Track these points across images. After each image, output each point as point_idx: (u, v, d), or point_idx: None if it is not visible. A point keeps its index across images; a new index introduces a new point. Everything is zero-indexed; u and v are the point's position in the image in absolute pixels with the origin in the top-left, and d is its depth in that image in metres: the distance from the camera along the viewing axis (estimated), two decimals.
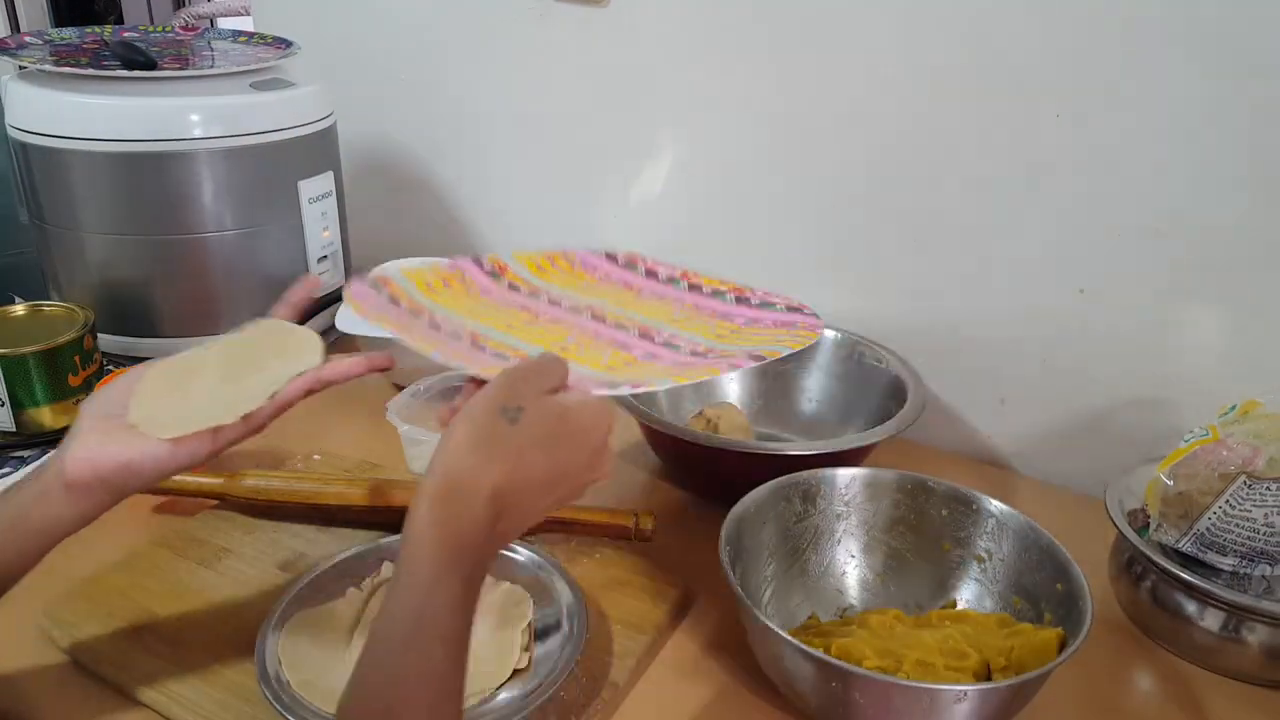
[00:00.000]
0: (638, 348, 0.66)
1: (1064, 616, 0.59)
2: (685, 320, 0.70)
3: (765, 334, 0.69)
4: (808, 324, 0.70)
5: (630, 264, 0.81)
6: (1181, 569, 0.64)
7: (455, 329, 0.65)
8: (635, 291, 0.73)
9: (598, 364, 0.62)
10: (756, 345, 0.65)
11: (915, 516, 0.70)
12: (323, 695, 0.57)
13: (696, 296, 0.75)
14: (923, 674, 0.57)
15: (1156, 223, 0.79)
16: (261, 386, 0.57)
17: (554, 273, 0.75)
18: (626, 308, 0.73)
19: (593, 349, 0.65)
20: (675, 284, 0.78)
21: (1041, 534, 0.63)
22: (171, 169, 0.92)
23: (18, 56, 0.96)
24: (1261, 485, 0.64)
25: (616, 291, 0.73)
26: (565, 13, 1.03)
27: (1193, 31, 0.73)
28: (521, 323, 0.69)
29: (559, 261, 0.77)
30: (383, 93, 1.21)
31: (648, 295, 0.73)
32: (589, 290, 0.73)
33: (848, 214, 0.94)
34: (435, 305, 0.70)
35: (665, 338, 0.67)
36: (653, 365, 0.63)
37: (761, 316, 0.72)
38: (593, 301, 0.73)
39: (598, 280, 0.75)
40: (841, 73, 0.89)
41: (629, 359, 0.64)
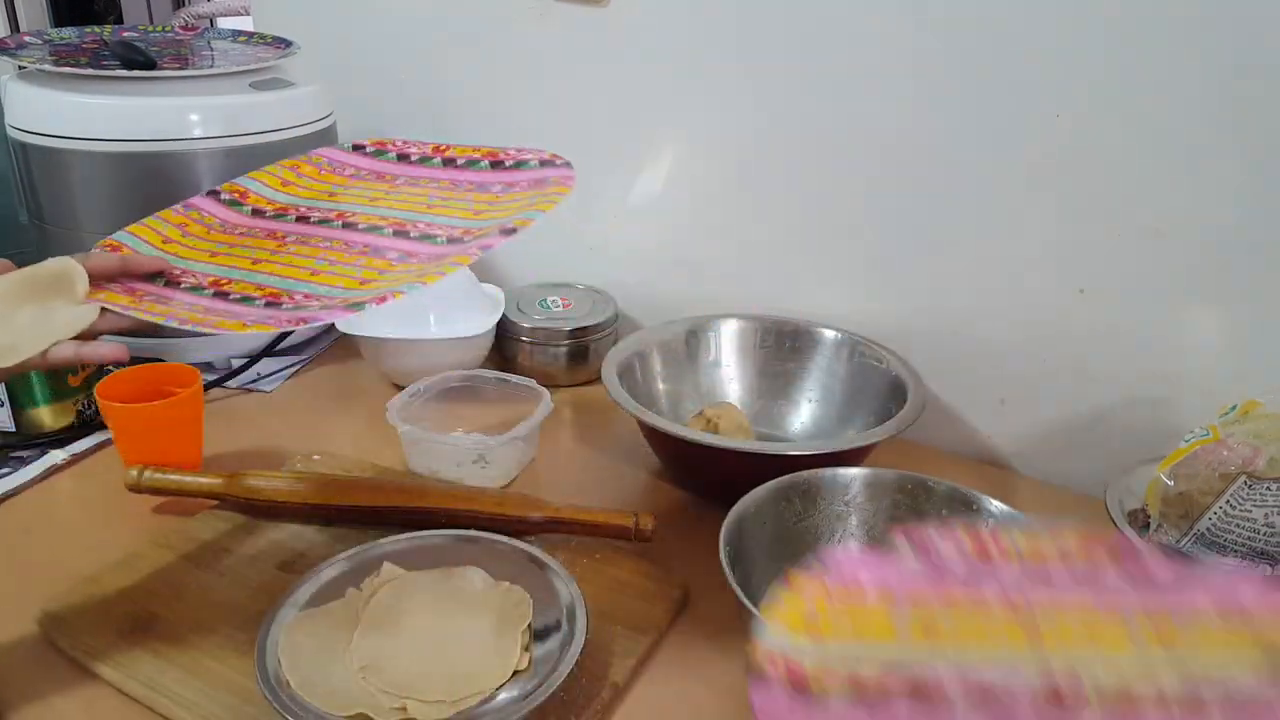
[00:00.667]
0: (392, 250, 0.66)
1: None
2: (441, 204, 0.70)
3: (520, 198, 0.68)
4: (560, 177, 0.69)
5: (380, 150, 0.79)
6: None
7: (196, 282, 0.65)
8: (389, 181, 0.72)
9: (351, 282, 0.62)
10: (510, 216, 0.65)
11: (916, 517, 0.69)
12: (323, 696, 0.57)
13: (452, 171, 0.74)
14: None
15: (1157, 223, 0.79)
16: (32, 337, 0.57)
17: (301, 183, 0.74)
18: (379, 204, 0.72)
19: (345, 265, 0.65)
20: (428, 162, 0.76)
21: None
22: (171, 169, 0.92)
23: (17, 56, 0.96)
24: (1262, 485, 0.64)
25: (369, 186, 0.72)
26: (565, 13, 1.03)
27: (1193, 31, 0.73)
28: (268, 253, 0.68)
29: (304, 168, 0.75)
30: (382, 93, 1.21)
31: (402, 182, 0.72)
32: (341, 194, 0.71)
33: (848, 214, 0.94)
34: (174, 258, 0.69)
35: (421, 229, 0.67)
36: (406, 267, 0.63)
37: (517, 179, 0.71)
38: (344, 207, 0.72)
39: (348, 180, 0.74)
40: (841, 72, 0.89)
41: (383, 265, 0.64)
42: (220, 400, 0.96)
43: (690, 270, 1.05)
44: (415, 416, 0.85)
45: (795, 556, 0.69)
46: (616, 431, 0.92)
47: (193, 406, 0.81)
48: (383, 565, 0.68)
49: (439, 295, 0.96)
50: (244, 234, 0.72)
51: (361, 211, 0.71)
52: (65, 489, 0.82)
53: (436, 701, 0.57)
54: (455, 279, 0.98)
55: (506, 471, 0.84)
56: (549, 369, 1.01)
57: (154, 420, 0.79)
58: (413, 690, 0.58)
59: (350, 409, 0.96)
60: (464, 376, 0.91)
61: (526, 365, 1.01)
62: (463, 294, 0.99)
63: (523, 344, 1.01)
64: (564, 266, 1.14)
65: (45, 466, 0.83)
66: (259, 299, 0.61)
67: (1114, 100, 0.78)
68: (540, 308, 1.03)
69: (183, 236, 0.72)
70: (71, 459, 0.85)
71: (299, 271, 0.65)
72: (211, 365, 1.00)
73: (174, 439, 0.81)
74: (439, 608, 0.64)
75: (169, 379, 0.82)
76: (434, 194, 0.72)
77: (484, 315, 0.99)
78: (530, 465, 0.87)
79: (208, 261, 0.68)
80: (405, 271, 0.63)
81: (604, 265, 1.12)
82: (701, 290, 1.01)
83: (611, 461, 0.89)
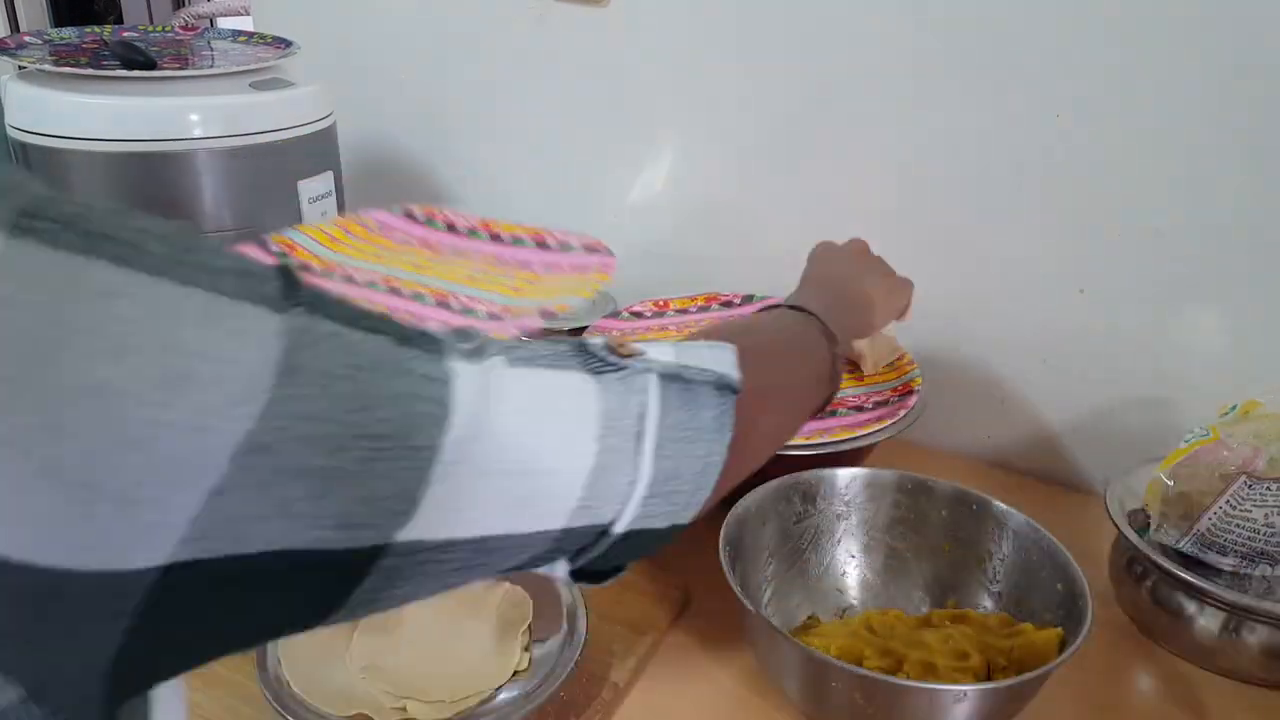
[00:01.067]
0: (433, 320, 0.65)
1: (1064, 617, 0.59)
2: (485, 278, 0.70)
3: (562, 280, 0.69)
4: (601, 264, 0.69)
5: (429, 219, 0.80)
6: (1182, 569, 0.64)
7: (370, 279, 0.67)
8: (435, 250, 0.72)
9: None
10: (551, 298, 0.65)
11: (915, 517, 0.70)
12: (322, 696, 0.57)
13: (497, 247, 0.74)
14: (924, 674, 0.57)
15: (1157, 223, 0.79)
16: None
17: (350, 242, 0.73)
18: (424, 272, 0.71)
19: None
20: (475, 235, 0.77)
21: (1042, 534, 0.63)
22: (171, 169, 0.92)
23: (17, 56, 0.96)
24: (1262, 485, 0.64)
25: (415, 253, 0.72)
26: (565, 13, 1.03)
27: (1193, 31, 0.73)
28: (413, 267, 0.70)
29: (353, 228, 0.75)
30: (383, 93, 1.21)
31: (448, 252, 0.72)
32: (387, 257, 0.71)
33: (848, 213, 0.94)
34: (344, 258, 0.71)
35: (463, 302, 0.67)
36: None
37: (559, 261, 0.71)
38: (389, 271, 0.72)
39: (396, 244, 0.73)
40: (841, 72, 0.89)
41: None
42: None
43: (691, 269, 1.05)
44: None
45: (795, 556, 0.69)
46: None
47: None
48: None
49: None
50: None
51: (406, 278, 0.71)
52: None
53: (436, 701, 0.57)
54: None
55: None
56: None
57: None
58: (413, 690, 0.58)
59: None
60: None
61: None
62: None
63: None
64: None
65: None
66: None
67: (1114, 100, 0.78)
68: None
69: (345, 235, 0.74)
70: None
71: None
72: None
73: None
74: (439, 608, 0.64)
75: None
76: (478, 268, 0.72)
77: None
78: None
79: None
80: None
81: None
82: (702, 289, 1.01)
83: None
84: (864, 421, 0.77)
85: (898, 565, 0.70)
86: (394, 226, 0.75)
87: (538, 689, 0.57)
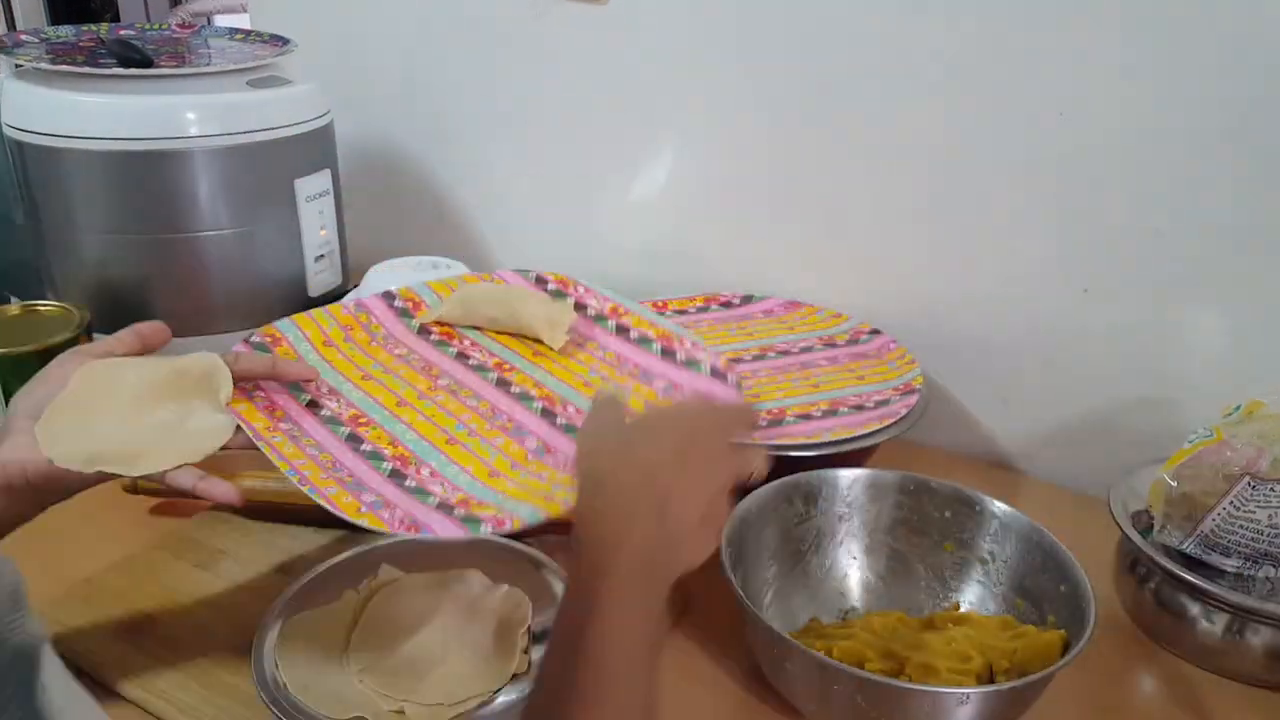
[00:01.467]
0: (532, 437, 0.62)
1: (1067, 618, 0.58)
2: (599, 387, 0.67)
3: None
4: (726, 396, 0.65)
5: (560, 291, 0.78)
6: (1185, 570, 0.64)
7: (336, 412, 0.63)
8: (432, 378, 0.69)
9: (480, 469, 0.59)
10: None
11: (918, 518, 0.69)
12: (320, 698, 0.56)
13: (622, 344, 0.72)
14: (925, 677, 0.56)
15: (1159, 222, 0.78)
16: (161, 446, 0.54)
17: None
18: (539, 361, 0.70)
19: (482, 441, 0.62)
20: (602, 323, 0.75)
21: (1045, 535, 0.63)
22: (168, 167, 0.91)
23: (13, 54, 0.96)
24: (1266, 486, 0.63)
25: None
26: (565, 12, 1.02)
27: (1194, 31, 0.73)
28: (415, 394, 0.66)
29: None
30: (380, 91, 1.21)
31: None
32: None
33: (848, 214, 0.94)
34: (328, 368, 0.67)
35: (569, 416, 0.64)
36: (539, 468, 0.59)
37: (680, 380, 0.67)
38: (505, 355, 0.71)
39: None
40: (841, 72, 0.89)
41: (518, 456, 0.60)
42: None
43: (691, 267, 1.05)
44: None
45: (797, 558, 0.69)
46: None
47: None
48: (381, 567, 0.67)
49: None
50: (402, 358, 0.71)
51: (520, 368, 0.69)
52: None
53: (435, 704, 0.57)
54: (454, 279, 0.98)
55: None
56: None
57: None
58: (411, 693, 0.57)
59: None
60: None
61: None
62: None
63: None
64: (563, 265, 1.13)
65: None
66: (387, 460, 0.59)
67: (1115, 100, 0.77)
68: None
69: (344, 341, 0.71)
70: None
71: (435, 432, 0.62)
72: None
73: None
74: (437, 610, 0.64)
75: None
76: (595, 369, 0.69)
77: None
78: None
79: (356, 385, 0.66)
80: (534, 478, 0.58)
81: (604, 262, 1.12)
82: (702, 287, 1.00)
83: None
84: (865, 421, 0.77)
85: (900, 567, 0.70)
86: (399, 340, 0.73)
87: None
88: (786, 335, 0.93)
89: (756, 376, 0.85)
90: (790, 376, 0.85)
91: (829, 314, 0.95)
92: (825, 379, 0.85)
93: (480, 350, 0.72)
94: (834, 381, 0.85)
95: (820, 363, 0.88)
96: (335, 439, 0.61)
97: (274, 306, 1.02)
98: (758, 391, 0.83)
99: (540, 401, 0.66)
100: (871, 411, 0.79)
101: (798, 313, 0.96)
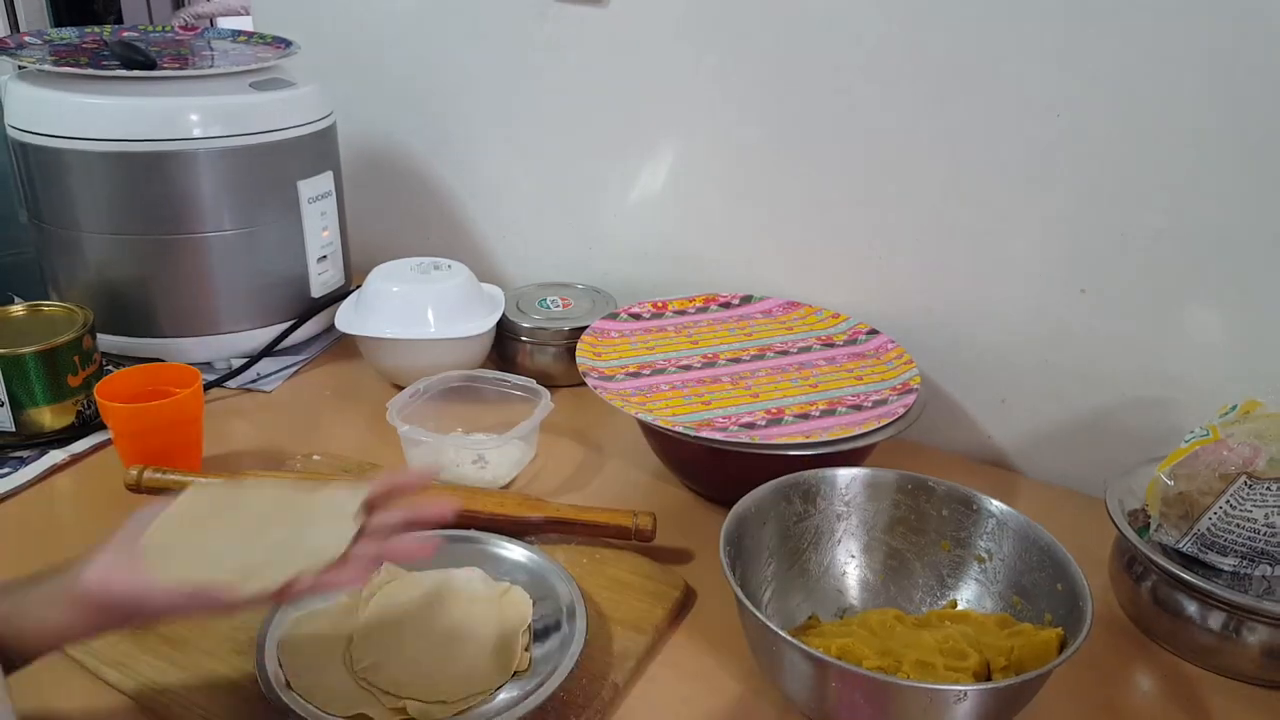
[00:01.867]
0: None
1: (1064, 616, 0.59)
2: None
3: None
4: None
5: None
6: (1182, 569, 0.64)
7: None
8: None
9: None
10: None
11: (915, 517, 0.70)
12: (323, 696, 0.57)
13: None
14: (923, 674, 0.57)
15: (1157, 222, 0.79)
16: (275, 563, 0.50)
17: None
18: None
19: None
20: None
21: (1042, 534, 0.63)
22: (171, 169, 0.92)
23: (17, 56, 0.96)
24: (1262, 485, 0.63)
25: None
26: (565, 13, 1.03)
27: (1194, 30, 0.73)
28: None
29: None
30: (382, 92, 1.21)
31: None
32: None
33: (847, 214, 0.94)
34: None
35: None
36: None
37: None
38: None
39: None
40: (841, 72, 0.89)
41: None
42: (220, 400, 0.96)
43: (691, 268, 1.05)
44: (415, 416, 0.85)
45: (795, 556, 0.69)
46: (616, 431, 0.92)
47: (193, 406, 0.81)
48: (382, 565, 0.68)
49: (439, 295, 0.96)
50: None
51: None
52: (65, 489, 0.82)
53: (436, 702, 0.57)
54: (455, 279, 0.99)
55: (506, 472, 0.84)
56: (549, 369, 1.01)
57: (154, 420, 0.79)
58: (413, 690, 0.58)
59: (350, 409, 0.96)
60: (464, 376, 0.91)
61: (526, 365, 1.01)
62: (462, 294, 0.99)
63: (523, 344, 1.01)
64: (564, 266, 1.14)
65: (45, 466, 0.83)
66: None
67: (1114, 99, 0.77)
68: (540, 308, 1.03)
69: None
70: (71, 459, 0.85)
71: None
72: (211, 365, 1.00)
73: (174, 439, 0.81)
74: (439, 608, 0.64)
75: (169, 379, 0.82)
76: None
77: (484, 315, 0.99)
78: (530, 465, 0.87)
79: None
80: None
81: (604, 264, 1.12)
82: (701, 288, 1.01)
83: (611, 461, 0.89)
84: (863, 421, 0.77)
85: (898, 565, 0.70)
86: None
87: (538, 689, 0.57)
88: (785, 335, 0.93)
89: (756, 376, 0.86)
90: (789, 376, 0.86)
91: (827, 314, 0.95)
92: (824, 379, 0.86)
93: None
94: (832, 381, 0.85)
95: (819, 363, 0.89)
96: None
97: (277, 307, 1.03)
98: (757, 391, 0.83)
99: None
100: (870, 411, 0.80)
101: (796, 313, 0.97)
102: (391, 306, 0.96)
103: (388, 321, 0.95)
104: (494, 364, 1.01)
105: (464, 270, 1.01)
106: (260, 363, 1.01)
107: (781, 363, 0.88)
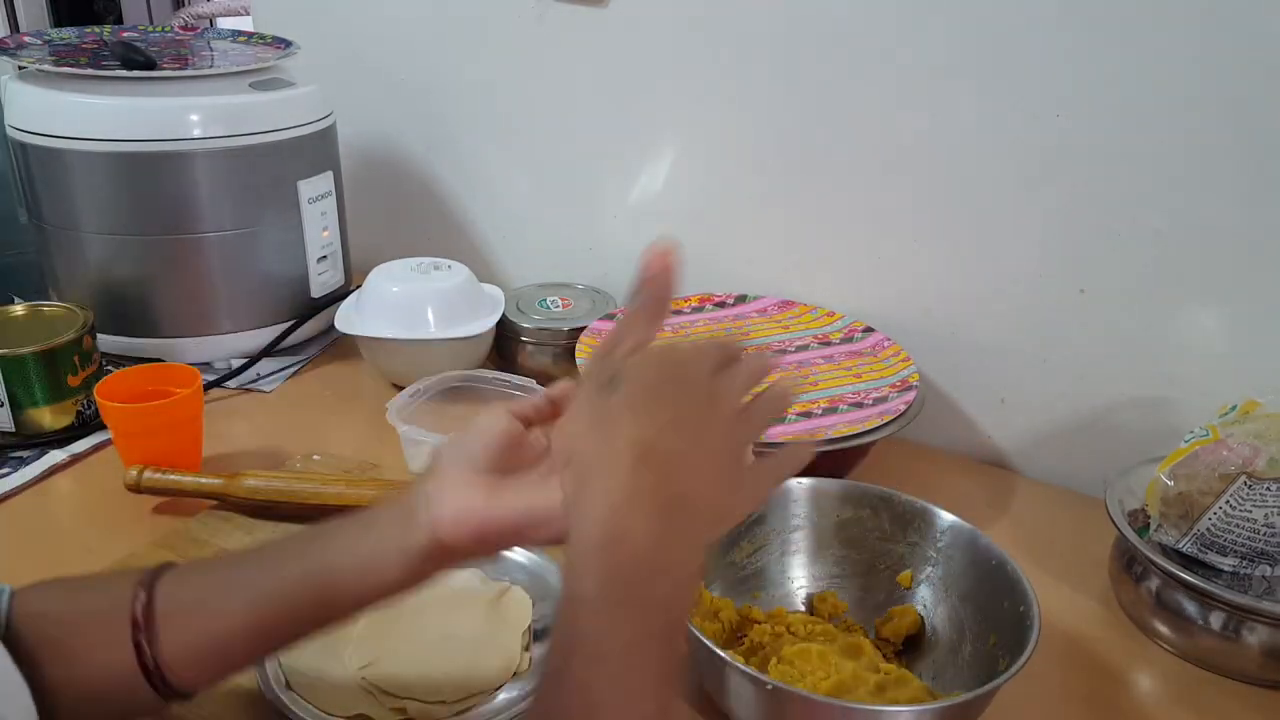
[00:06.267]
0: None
1: (1011, 632, 0.57)
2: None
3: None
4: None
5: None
6: (1182, 569, 0.64)
7: None
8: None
9: None
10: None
11: (867, 526, 0.68)
12: (323, 696, 0.57)
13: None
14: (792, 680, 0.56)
15: (1157, 222, 0.79)
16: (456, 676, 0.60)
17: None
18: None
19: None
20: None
21: (993, 549, 0.61)
22: (171, 169, 0.92)
23: (17, 56, 0.96)
24: (1262, 485, 0.63)
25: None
26: (565, 13, 1.03)
27: (1194, 31, 0.73)
28: None
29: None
30: (382, 93, 1.21)
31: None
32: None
33: (847, 213, 0.94)
34: None
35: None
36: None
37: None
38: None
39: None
40: (841, 72, 0.89)
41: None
42: (220, 400, 0.96)
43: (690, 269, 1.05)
44: (415, 416, 0.85)
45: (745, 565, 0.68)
46: None
47: (192, 406, 0.81)
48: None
49: (439, 295, 0.96)
50: None
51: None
52: (65, 489, 0.82)
53: (437, 702, 0.57)
54: (455, 279, 0.99)
55: None
56: (549, 369, 1.01)
57: (154, 420, 0.79)
58: (413, 691, 0.58)
59: (350, 409, 0.96)
60: (464, 376, 0.91)
61: (526, 365, 1.01)
62: (462, 294, 0.99)
63: (523, 344, 1.01)
64: (564, 266, 1.14)
65: (45, 466, 0.83)
66: None
67: (1114, 100, 0.77)
68: (540, 308, 1.03)
69: None
70: (71, 459, 0.85)
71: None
72: (211, 365, 1.00)
73: (174, 439, 0.81)
74: (439, 608, 0.64)
75: (169, 379, 0.82)
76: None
77: (484, 315, 0.99)
78: None
79: None
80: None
81: (604, 264, 1.12)
82: (697, 287, 1.01)
83: None
84: (865, 418, 0.77)
85: (849, 574, 0.68)
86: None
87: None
88: (781, 334, 0.94)
89: None
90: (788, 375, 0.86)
91: (822, 313, 0.96)
92: (823, 377, 0.86)
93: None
94: (831, 379, 0.85)
95: (817, 361, 0.89)
96: None
97: (277, 307, 1.03)
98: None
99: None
100: (870, 408, 0.80)
101: (791, 311, 0.97)
102: (391, 307, 0.96)
103: (387, 322, 0.95)
104: (494, 364, 1.01)
105: (464, 270, 1.01)
106: (260, 363, 1.01)
107: (779, 362, 0.89)
